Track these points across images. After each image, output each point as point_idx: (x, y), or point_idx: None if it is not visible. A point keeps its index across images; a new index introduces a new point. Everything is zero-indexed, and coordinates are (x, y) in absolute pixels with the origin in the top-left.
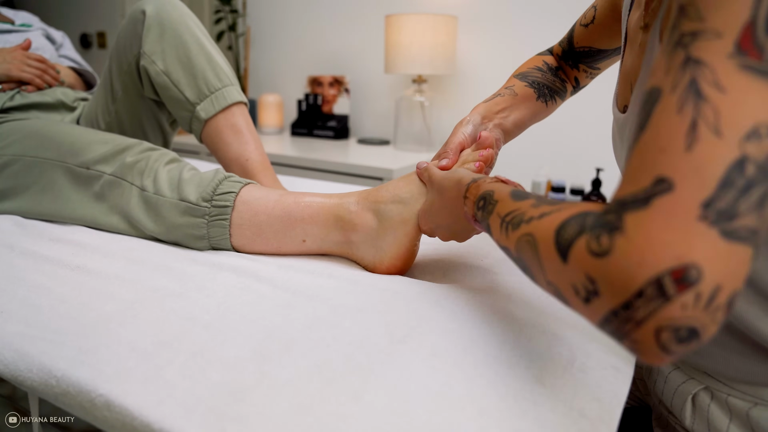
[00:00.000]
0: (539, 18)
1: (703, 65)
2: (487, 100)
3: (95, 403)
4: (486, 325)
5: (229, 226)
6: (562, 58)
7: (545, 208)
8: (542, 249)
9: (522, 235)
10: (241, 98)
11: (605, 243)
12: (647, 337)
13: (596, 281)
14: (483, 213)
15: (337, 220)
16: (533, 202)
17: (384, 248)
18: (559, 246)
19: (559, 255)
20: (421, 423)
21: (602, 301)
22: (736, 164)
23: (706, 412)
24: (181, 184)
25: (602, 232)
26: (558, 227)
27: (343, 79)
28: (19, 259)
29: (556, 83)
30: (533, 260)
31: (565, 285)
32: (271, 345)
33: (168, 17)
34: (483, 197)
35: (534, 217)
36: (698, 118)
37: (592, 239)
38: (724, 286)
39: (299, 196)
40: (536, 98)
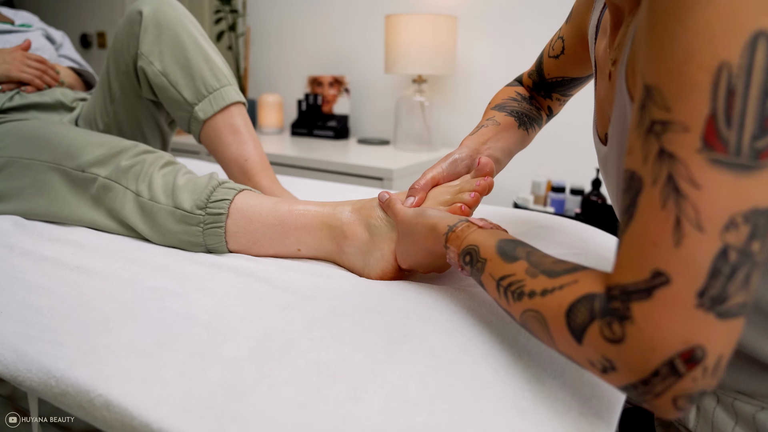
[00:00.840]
0: (539, 18)
1: (677, 160)
2: (472, 133)
3: (94, 403)
4: (485, 325)
5: (225, 233)
6: (534, 89)
7: (544, 281)
8: (553, 328)
9: (527, 309)
10: (239, 98)
11: (618, 331)
12: (665, 404)
13: (613, 361)
14: (472, 269)
15: (330, 229)
16: (526, 267)
17: (371, 263)
18: (572, 329)
19: (572, 337)
20: (420, 423)
21: (620, 375)
22: (720, 254)
23: (711, 416)
24: (176, 190)
25: (613, 320)
26: (567, 310)
27: (343, 79)
28: (18, 259)
29: (532, 111)
30: (543, 333)
31: (581, 359)
32: (270, 345)
33: (165, 17)
34: (468, 252)
35: (536, 292)
36: (681, 215)
37: (604, 326)
38: (724, 354)
39: (293, 204)
40: (518, 126)
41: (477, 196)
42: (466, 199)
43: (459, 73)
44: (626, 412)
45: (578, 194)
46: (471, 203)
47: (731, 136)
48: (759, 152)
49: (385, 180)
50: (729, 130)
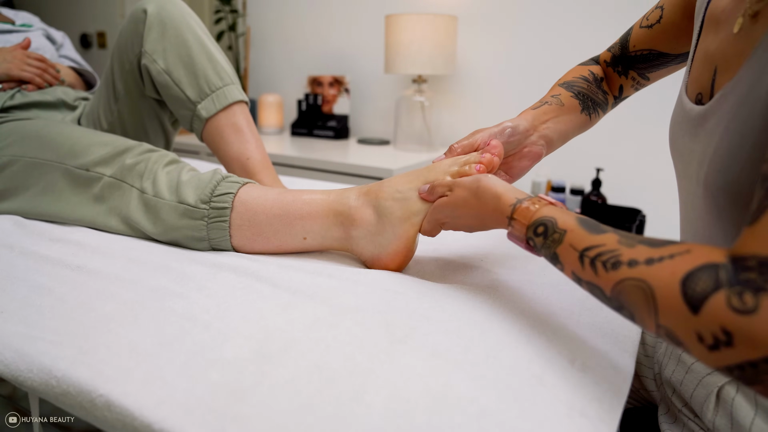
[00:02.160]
0: (539, 18)
1: None
2: (534, 107)
3: (95, 403)
4: (486, 325)
5: (229, 227)
6: (611, 64)
7: (645, 250)
8: (662, 297)
9: (627, 278)
10: (242, 97)
11: (750, 302)
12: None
13: (733, 334)
14: (545, 241)
15: (336, 215)
16: (618, 238)
17: (383, 244)
18: (688, 297)
19: (687, 305)
20: (421, 423)
21: (736, 352)
22: None
23: (730, 406)
24: (180, 186)
25: (746, 290)
26: (684, 278)
27: (343, 79)
28: (19, 259)
29: (599, 95)
30: (643, 305)
31: (687, 331)
32: (271, 345)
33: (169, 16)
34: (542, 223)
35: (638, 261)
36: None
37: (733, 296)
38: None
39: (298, 193)
40: (581, 110)
41: (483, 167)
42: (471, 172)
43: (459, 73)
44: (629, 413)
45: (578, 194)
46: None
47: None
48: None
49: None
50: None
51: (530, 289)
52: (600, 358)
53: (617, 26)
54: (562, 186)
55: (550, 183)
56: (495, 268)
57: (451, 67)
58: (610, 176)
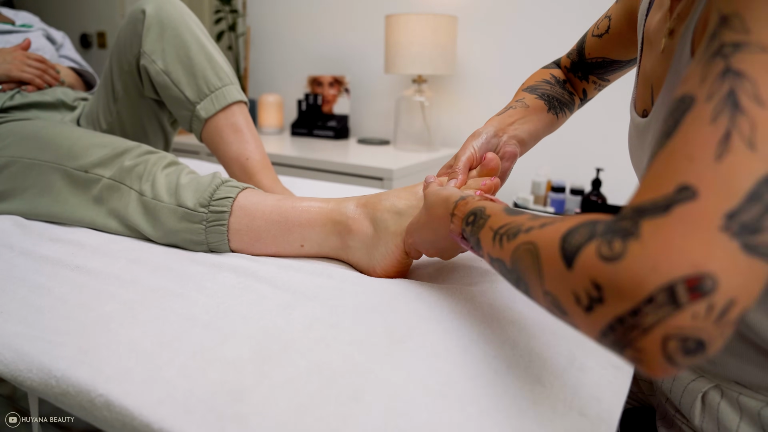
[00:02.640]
0: (539, 18)
1: (744, 77)
2: (499, 113)
3: (95, 403)
4: (486, 325)
5: (227, 231)
6: (571, 70)
7: (545, 218)
8: (544, 256)
9: (521, 243)
10: (241, 97)
11: (617, 248)
12: (653, 346)
13: (603, 287)
14: (473, 228)
15: (334, 224)
16: (530, 216)
17: (377, 258)
18: (564, 252)
19: (563, 261)
20: (420, 423)
21: (606, 308)
22: (766, 179)
23: (716, 411)
24: (179, 189)
25: (615, 237)
26: (564, 234)
27: (343, 79)
28: (19, 259)
29: (564, 96)
30: (531, 268)
31: (566, 293)
32: (271, 345)
33: (168, 16)
34: (473, 213)
35: (534, 227)
36: (732, 129)
37: (603, 244)
38: (738, 300)
39: (297, 200)
40: (547, 110)
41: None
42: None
43: (459, 73)
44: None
45: (578, 194)
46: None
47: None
48: None
49: (385, 180)
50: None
51: None
52: (600, 358)
53: None
54: (562, 186)
55: (550, 183)
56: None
57: (451, 67)
58: (610, 176)
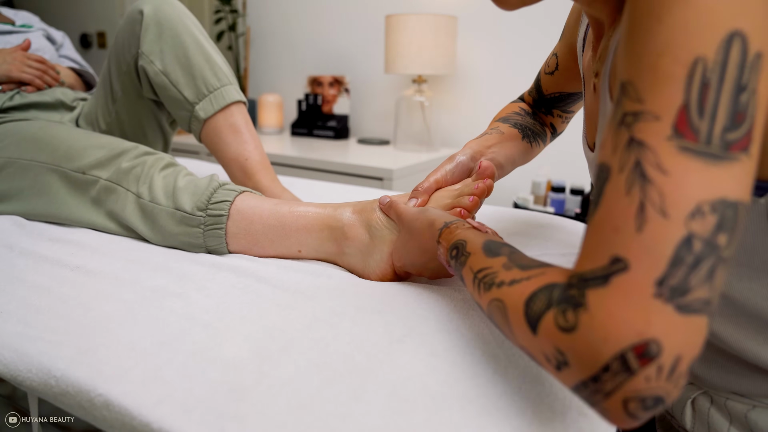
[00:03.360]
0: (539, 18)
1: (646, 147)
2: (476, 139)
3: (94, 402)
4: (485, 324)
5: (225, 235)
6: (534, 106)
7: (516, 273)
8: (512, 318)
9: (493, 299)
10: (239, 97)
11: (571, 319)
12: (616, 407)
13: (565, 354)
14: (456, 263)
15: (330, 231)
16: (505, 261)
17: (371, 265)
18: (528, 318)
19: (528, 327)
20: (420, 422)
21: (572, 371)
22: (683, 242)
23: (707, 416)
24: (176, 192)
25: (567, 308)
26: (527, 299)
27: (343, 79)
28: (18, 259)
29: (536, 126)
30: (504, 325)
31: (537, 353)
32: (271, 345)
33: (166, 17)
34: (456, 246)
35: (505, 282)
36: (645, 200)
37: (558, 314)
38: (684, 355)
39: (294, 205)
40: (521, 138)
41: (476, 199)
42: (465, 203)
43: (459, 73)
44: None
45: (578, 194)
46: (470, 207)
47: (703, 125)
48: (730, 144)
49: (385, 180)
50: (701, 120)
51: None
52: None
53: None
54: (562, 186)
55: (550, 183)
56: None
57: (451, 67)
58: None
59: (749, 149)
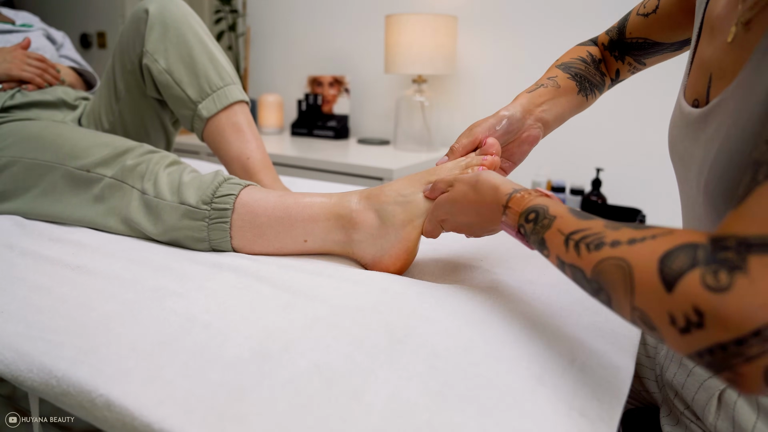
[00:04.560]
0: (539, 18)
1: None
2: (529, 90)
3: (95, 403)
4: (486, 324)
5: (230, 228)
6: (608, 48)
7: (630, 232)
8: (639, 275)
9: (608, 257)
10: (242, 97)
11: (724, 280)
12: (755, 373)
13: (705, 314)
14: (535, 226)
15: (338, 218)
16: (605, 223)
17: (385, 247)
18: (664, 275)
19: (662, 283)
20: (421, 423)
21: (706, 333)
22: None
23: (732, 410)
24: (182, 187)
25: (721, 269)
26: (662, 256)
27: (343, 79)
28: (19, 259)
29: (596, 77)
30: (620, 284)
31: (660, 313)
32: (271, 345)
33: (171, 16)
34: (533, 210)
35: (621, 241)
36: None
37: (708, 273)
38: None
39: (299, 196)
40: (577, 91)
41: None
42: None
43: (459, 73)
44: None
45: (578, 194)
46: None
47: None
48: None
49: (385, 180)
50: None
51: (530, 290)
52: (600, 358)
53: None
54: (562, 186)
55: (550, 183)
56: (495, 269)
57: (451, 67)
58: (610, 176)
59: None
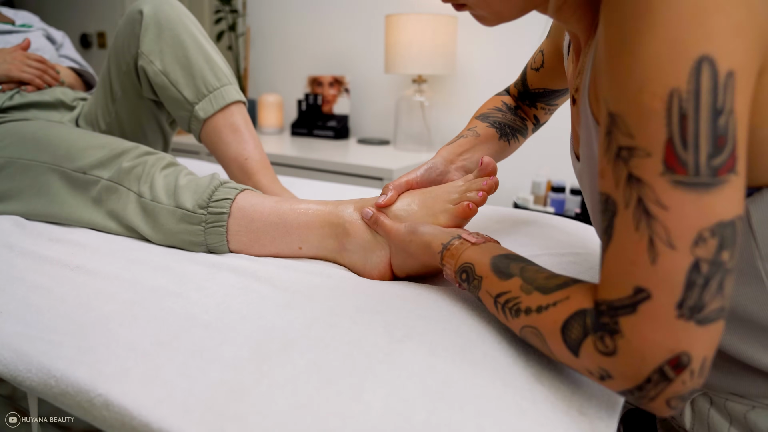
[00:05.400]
0: (539, 18)
1: (644, 184)
2: (450, 143)
3: (94, 403)
4: (485, 324)
5: (226, 232)
6: (519, 98)
7: (538, 298)
8: (551, 343)
9: (525, 325)
10: (239, 97)
11: (609, 345)
12: (660, 405)
13: (609, 371)
14: (469, 286)
15: (332, 227)
16: (521, 283)
17: (374, 262)
18: (568, 344)
19: (569, 351)
20: (420, 422)
21: (617, 382)
22: (692, 268)
23: (706, 417)
24: (178, 190)
25: (604, 334)
26: (562, 327)
27: (343, 79)
28: (18, 259)
29: (516, 122)
30: (542, 347)
31: (580, 369)
32: (270, 345)
33: (165, 17)
34: (464, 270)
35: (532, 309)
36: (653, 235)
37: (597, 341)
38: (708, 356)
39: (295, 202)
40: (498, 137)
41: (484, 194)
42: (474, 198)
43: (459, 73)
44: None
45: (578, 194)
46: (479, 202)
47: (689, 157)
48: (716, 169)
49: (385, 180)
50: (686, 152)
51: None
52: None
53: None
54: (562, 186)
55: (550, 183)
56: None
57: (451, 67)
58: None
59: (736, 168)
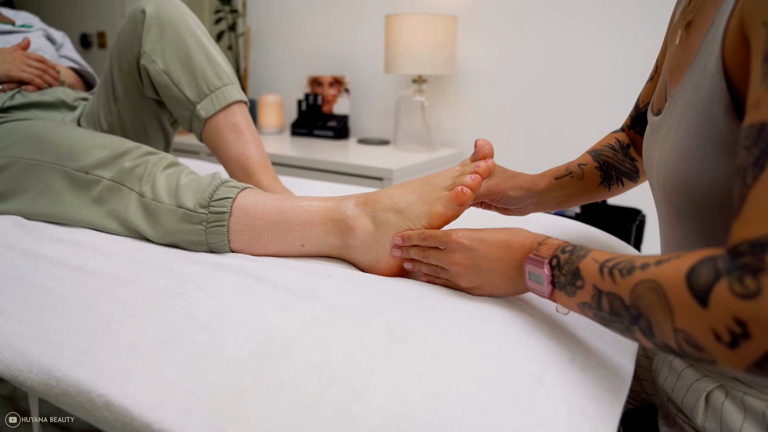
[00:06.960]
0: (539, 18)
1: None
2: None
3: (95, 403)
4: (486, 325)
5: (227, 232)
6: (631, 126)
7: (656, 256)
8: (672, 295)
9: (641, 281)
10: (241, 97)
11: (751, 285)
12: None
13: (747, 323)
14: (571, 256)
15: (334, 223)
16: (636, 253)
17: (380, 254)
18: (694, 291)
19: (696, 300)
20: (420, 423)
21: (755, 342)
22: None
23: (720, 411)
24: (179, 190)
25: (745, 275)
26: (688, 272)
27: (343, 79)
28: (19, 259)
29: (625, 164)
30: (658, 306)
31: (703, 331)
32: (271, 345)
33: (168, 16)
34: (569, 245)
35: (649, 264)
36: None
37: (734, 282)
38: None
39: (296, 200)
40: (599, 183)
41: (478, 178)
42: (467, 182)
43: (459, 73)
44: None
45: None
46: (472, 186)
47: None
48: None
49: (385, 180)
50: None
51: None
52: (599, 358)
53: (618, 27)
54: None
55: None
56: None
57: (451, 67)
58: None
59: None
